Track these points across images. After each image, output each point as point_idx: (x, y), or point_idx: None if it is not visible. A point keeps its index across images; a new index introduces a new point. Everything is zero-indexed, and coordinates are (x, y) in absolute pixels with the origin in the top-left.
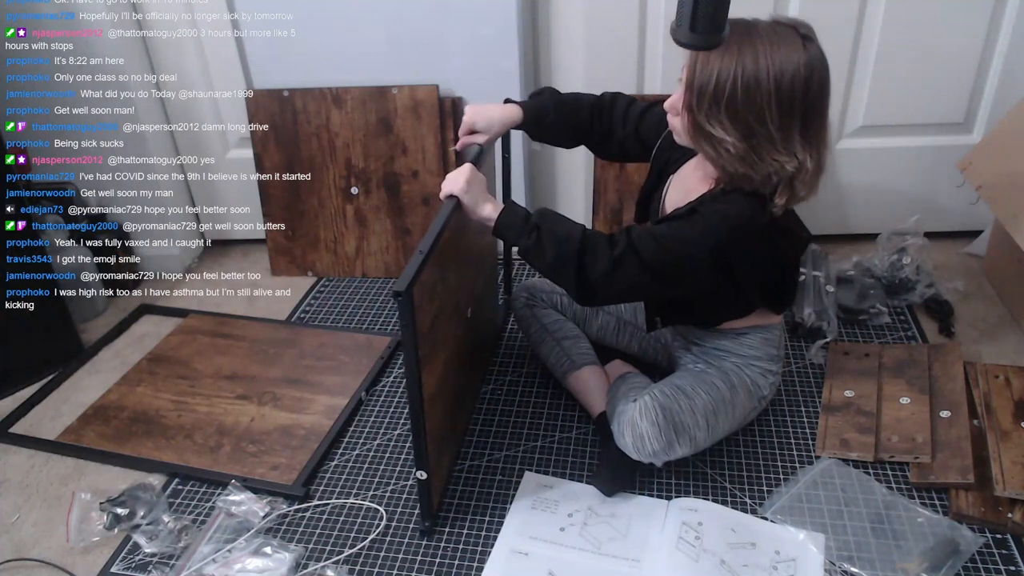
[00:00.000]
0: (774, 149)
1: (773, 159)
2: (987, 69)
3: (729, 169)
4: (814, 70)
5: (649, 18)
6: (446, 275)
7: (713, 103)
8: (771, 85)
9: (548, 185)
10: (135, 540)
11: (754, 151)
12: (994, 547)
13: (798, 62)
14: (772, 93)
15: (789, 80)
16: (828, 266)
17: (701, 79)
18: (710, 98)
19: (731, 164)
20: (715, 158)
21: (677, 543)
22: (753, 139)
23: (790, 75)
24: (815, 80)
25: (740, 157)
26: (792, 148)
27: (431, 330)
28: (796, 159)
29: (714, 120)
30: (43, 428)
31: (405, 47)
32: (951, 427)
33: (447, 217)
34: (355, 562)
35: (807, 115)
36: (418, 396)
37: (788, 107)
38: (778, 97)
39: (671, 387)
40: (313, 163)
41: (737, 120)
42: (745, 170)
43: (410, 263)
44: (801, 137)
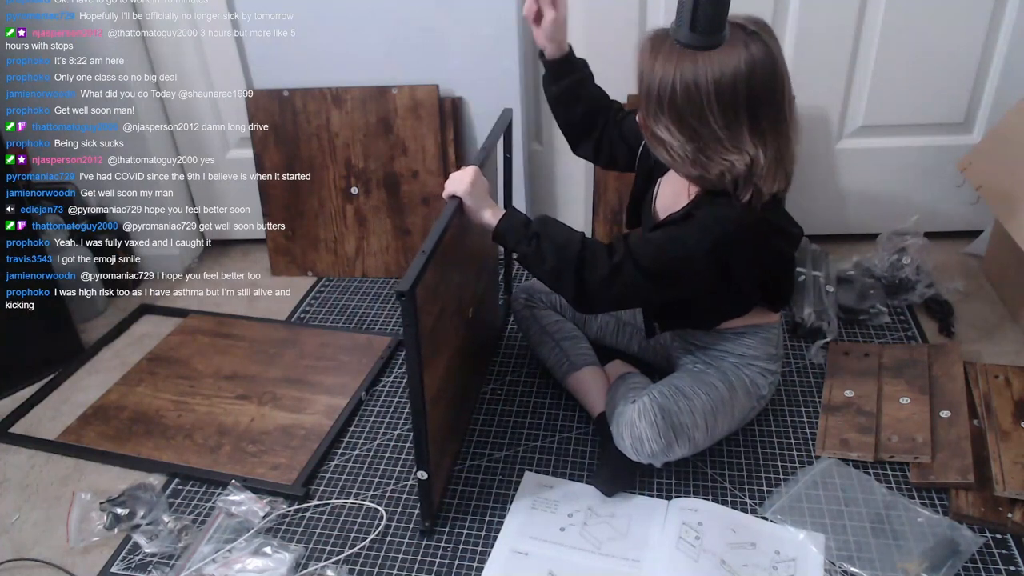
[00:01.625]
0: (722, 148)
1: (722, 158)
2: (987, 69)
3: (683, 171)
4: (755, 67)
5: (649, 18)
6: (448, 275)
7: (657, 107)
8: (710, 87)
9: (548, 185)
10: (135, 540)
11: (702, 152)
12: (994, 547)
13: (738, 61)
14: (712, 95)
15: (729, 81)
16: (828, 266)
17: (646, 84)
18: (655, 102)
19: (683, 167)
20: (669, 161)
21: (677, 543)
22: (699, 140)
23: (730, 75)
24: (757, 77)
25: (690, 159)
26: (741, 145)
27: (433, 331)
28: (747, 155)
29: (660, 124)
30: (43, 428)
31: (405, 47)
32: (951, 427)
33: (449, 217)
34: (355, 562)
35: (753, 112)
36: (420, 396)
37: (730, 106)
38: (719, 98)
39: (670, 388)
40: (313, 163)
41: (682, 123)
42: (698, 171)
43: (413, 263)
44: (751, 134)
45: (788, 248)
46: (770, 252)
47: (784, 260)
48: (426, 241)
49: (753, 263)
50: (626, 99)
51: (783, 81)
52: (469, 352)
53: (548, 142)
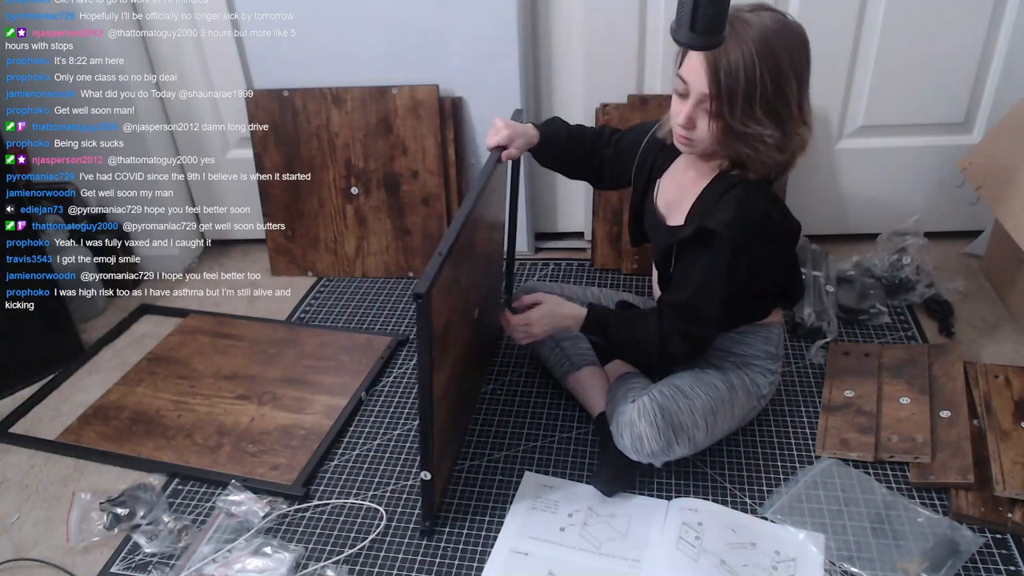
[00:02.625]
0: (795, 124)
1: (796, 134)
2: (987, 69)
3: (767, 161)
4: (803, 33)
5: (649, 18)
6: (460, 277)
7: (746, 103)
8: (789, 66)
9: (548, 185)
10: (135, 540)
11: (786, 135)
12: (994, 547)
13: (796, 32)
14: (791, 73)
15: (799, 52)
16: (828, 266)
17: (728, 83)
18: (743, 99)
19: (769, 155)
20: (752, 155)
21: (677, 543)
22: (785, 124)
23: (797, 47)
24: (803, 33)
25: (777, 146)
26: (806, 116)
27: (444, 332)
28: (808, 125)
29: (749, 119)
30: (43, 428)
31: (405, 47)
32: (951, 427)
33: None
34: (355, 562)
35: (808, 76)
36: (429, 398)
37: (802, 79)
38: (795, 73)
39: (670, 387)
40: (313, 163)
41: (772, 111)
42: (781, 156)
43: (430, 264)
44: (806, 103)
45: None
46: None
47: (790, 257)
48: (442, 243)
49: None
50: (626, 99)
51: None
52: (473, 353)
53: None
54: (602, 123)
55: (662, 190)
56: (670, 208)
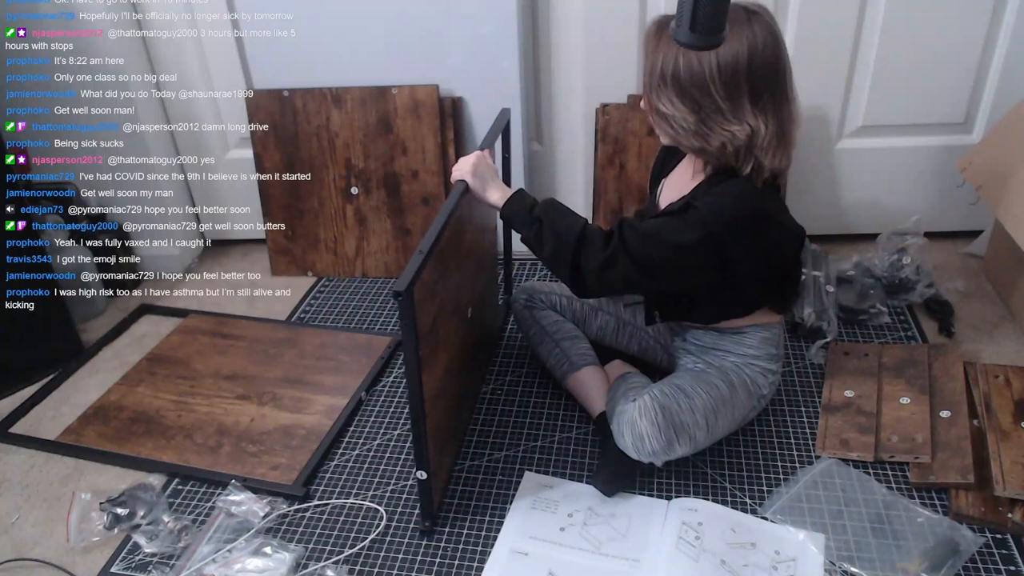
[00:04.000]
0: (723, 119)
1: (723, 129)
2: (987, 69)
3: (685, 144)
4: (758, 46)
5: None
6: (447, 275)
7: (660, 82)
8: (713, 62)
9: (548, 185)
10: (135, 540)
11: (703, 123)
12: (994, 547)
13: (741, 41)
14: (715, 68)
15: (732, 59)
16: (828, 266)
17: (650, 64)
18: (659, 78)
19: (686, 139)
20: (672, 135)
21: (677, 543)
22: (701, 111)
23: (732, 54)
24: (760, 55)
25: (692, 131)
26: (742, 116)
27: (432, 330)
28: (748, 126)
29: (663, 98)
30: (43, 428)
31: (405, 47)
32: (951, 427)
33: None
34: (355, 562)
35: (755, 86)
36: (419, 396)
37: (732, 80)
38: (721, 73)
39: (671, 387)
40: (313, 163)
41: (684, 95)
42: (699, 143)
43: (410, 263)
44: (751, 105)
45: (790, 245)
46: (770, 247)
47: (788, 261)
48: (423, 240)
49: (752, 257)
50: (626, 99)
51: (785, 60)
52: (469, 352)
53: (548, 142)
54: (602, 123)
55: (664, 191)
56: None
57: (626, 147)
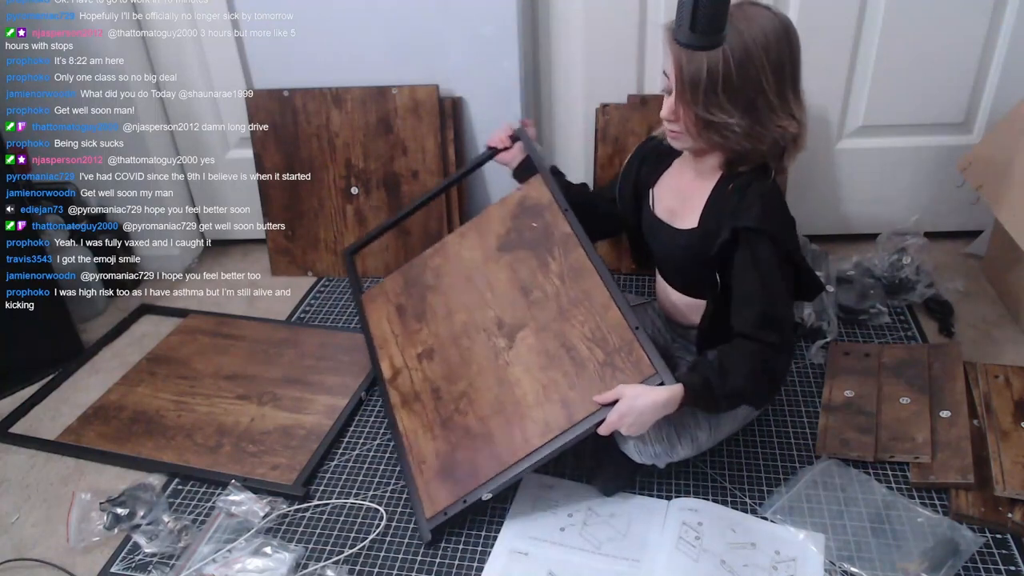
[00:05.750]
0: (775, 115)
1: (776, 126)
2: (987, 69)
3: (737, 148)
4: (789, 29)
5: (649, 18)
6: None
7: (709, 91)
8: (761, 53)
9: None
10: (135, 540)
11: (759, 123)
12: (994, 547)
13: (777, 24)
14: (764, 61)
15: (775, 43)
16: (828, 266)
17: (690, 72)
18: (706, 87)
19: (739, 143)
20: (723, 143)
21: (677, 543)
22: (755, 112)
23: (775, 39)
24: (794, 38)
25: (746, 134)
26: (790, 110)
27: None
28: (795, 119)
29: (714, 107)
30: (43, 428)
31: (405, 47)
32: (951, 427)
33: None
34: (355, 562)
35: (795, 72)
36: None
37: (779, 70)
38: (770, 63)
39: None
40: (313, 163)
41: (737, 99)
42: (753, 144)
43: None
44: (794, 96)
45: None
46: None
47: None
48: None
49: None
50: (626, 99)
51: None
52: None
53: (548, 142)
54: (602, 123)
55: (659, 199)
56: (674, 213)
57: (626, 147)
